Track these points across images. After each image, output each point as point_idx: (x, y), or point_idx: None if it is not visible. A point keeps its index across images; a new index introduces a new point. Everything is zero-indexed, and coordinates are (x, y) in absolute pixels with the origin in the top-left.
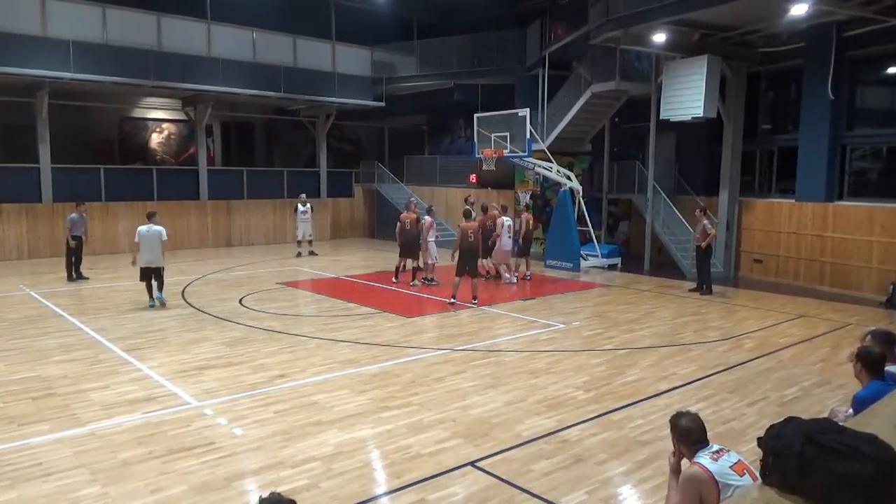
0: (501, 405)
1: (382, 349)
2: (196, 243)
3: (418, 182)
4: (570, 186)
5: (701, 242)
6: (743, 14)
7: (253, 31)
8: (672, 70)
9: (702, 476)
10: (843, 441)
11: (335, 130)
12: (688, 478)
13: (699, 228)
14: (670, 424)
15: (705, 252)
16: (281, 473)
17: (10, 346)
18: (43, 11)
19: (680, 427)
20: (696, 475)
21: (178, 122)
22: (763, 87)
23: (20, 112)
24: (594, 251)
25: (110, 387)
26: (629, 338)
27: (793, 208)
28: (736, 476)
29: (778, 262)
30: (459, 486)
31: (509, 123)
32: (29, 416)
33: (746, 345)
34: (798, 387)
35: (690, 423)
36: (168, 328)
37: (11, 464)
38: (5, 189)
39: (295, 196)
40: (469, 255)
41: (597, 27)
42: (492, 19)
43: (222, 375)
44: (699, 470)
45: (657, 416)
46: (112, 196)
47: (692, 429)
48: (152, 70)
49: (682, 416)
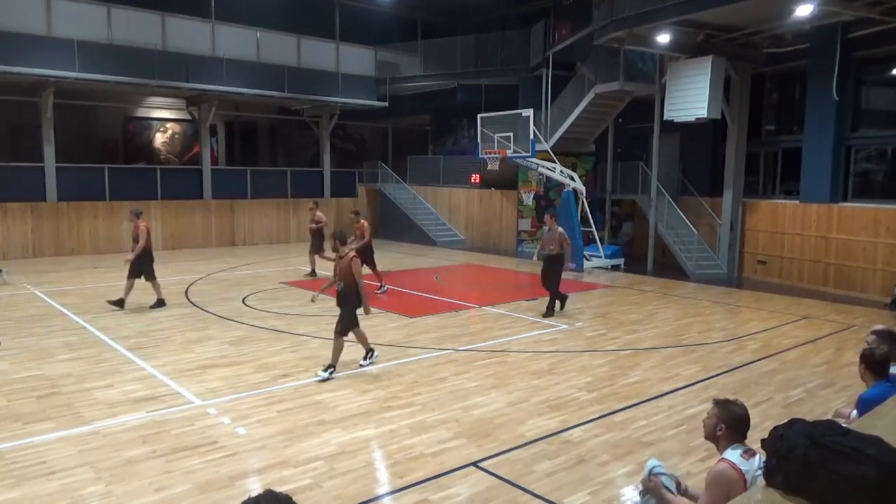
0: (504, 406)
1: (385, 349)
2: (200, 242)
3: (422, 182)
4: (574, 187)
5: (554, 250)
6: (747, 15)
7: (257, 30)
8: (676, 71)
9: (732, 474)
10: (848, 443)
11: (339, 130)
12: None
13: (554, 235)
14: (719, 407)
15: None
16: (284, 472)
17: (15, 344)
18: (48, 11)
19: (735, 414)
20: (726, 473)
21: (183, 122)
22: (767, 87)
23: (25, 111)
24: (597, 252)
25: (114, 385)
26: (632, 338)
27: (797, 209)
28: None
29: (782, 264)
30: (462, 487)
31: (513, 124)
32: (34, 415)
33: (750, 346)
34: (802, 388)
35: (740, 410)
36: (172, 327)
37: (16, 462)
38: (10, 188)
39: (300, 196)
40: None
41: (601, 28)
42: (496, 20)
43: (226, 375)
44: (729, 467)
45: (660, 418)
46: (116, 195)
47: (740, 416)
48: (156, 70)
49: (735, 403)
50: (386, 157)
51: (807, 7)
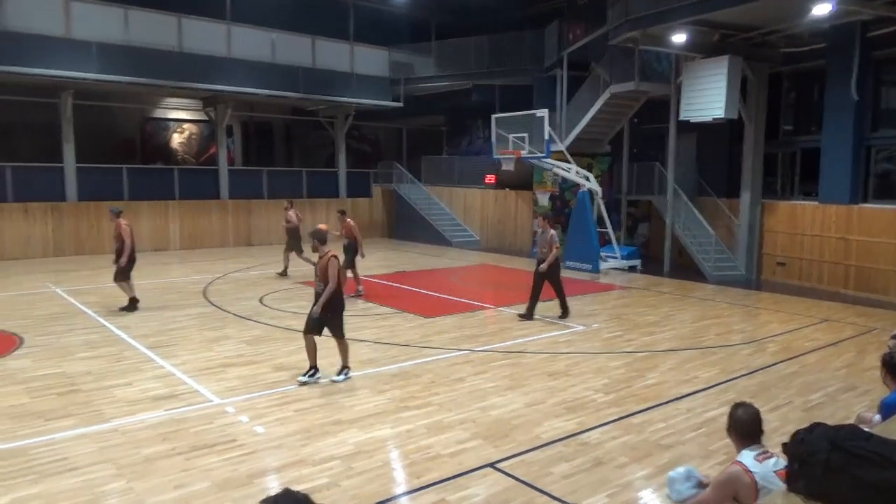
0: (521, 406)
1: (402, 349)
2: (217, 242)
3: (437, 182)
4: (589, 187)
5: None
6: (763, 14)
7: (272, 31)
8: (692, 71)
9: (741, 477)
10: (871, 448)
11: (354, 131)
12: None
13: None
14: (729, 412)
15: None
16: (302, 471)
17: (37, 342)
18: (67, 13)
19: (734, 416)
20: (736, 475)
21: (199, 123)
22: (785, 87)
23: (45, 112)
24: (613, 253)
25: (134, 383)
26: (649, 340)
27: (816, 210)
28: (779, 482)
29: (801, 266)
30: (479, 487)
31: (528, 124)
32: (55, 412)
33: (770, 349)
34: (823, 392)
35: (743, 415)
36: (190, 326)
37: (37, 458)
38: (31, 188)
39: (315, 196)
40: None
41: (615, 27)
42: (510, 20)
43: (243, 373)
44: (740, 470)
45: (678, 420)
46: (134, 195)
47: (744, 421)
48: (173, 70)
49: (741, 406)
50: (401, 157)
51: (825, 6)
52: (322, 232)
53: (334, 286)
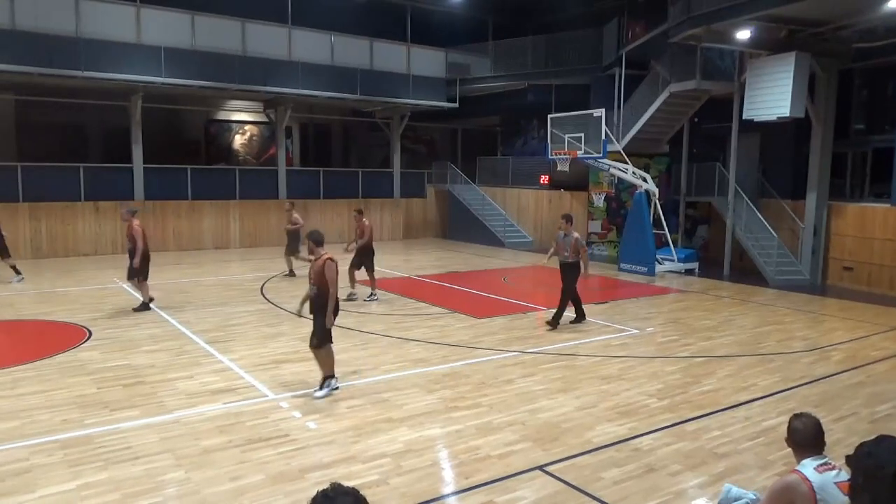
0: (572, 410)
1: (452, 349)
2: (275, 241)
3: (491, 183)
4: (646, 188)
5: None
6: (836, 7)
7: (331, 34)
8: (757, 68)
9: (799, 486)
10: None
11: (409, 131)
12: (783, 485)
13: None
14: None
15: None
16: (353, 468)
17: (105, 335)
18: (138, 20)
19: (793, 425)
20: (793, 484)
21: (260, 124)
22: (857, 84)
23: (116, 115)
24: (670, 255)
25: (194, 377)
26: (706, 346)
27: (888, 213)
28: (839, 494)
29: (871, 271)
30: (528, 490)
31: (584, 124)
32: (120, 402)
33: (834, 357)
34: (891, 403)
35: (800, 425)
36: (247, 322)
37: (104, 446)
38: (103, 187)
39: (370, 196)
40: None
41: (677, 25)
42: (568, 19)
43: (298, 370)
44: (798, 479)
45: (735, 428)
46: (198, 195)
47: (799, 430)
48: (237, 74)
49: (800, 416)
50: (455, 157)
51: None
52: (319, 234)
53: (335, 291)
